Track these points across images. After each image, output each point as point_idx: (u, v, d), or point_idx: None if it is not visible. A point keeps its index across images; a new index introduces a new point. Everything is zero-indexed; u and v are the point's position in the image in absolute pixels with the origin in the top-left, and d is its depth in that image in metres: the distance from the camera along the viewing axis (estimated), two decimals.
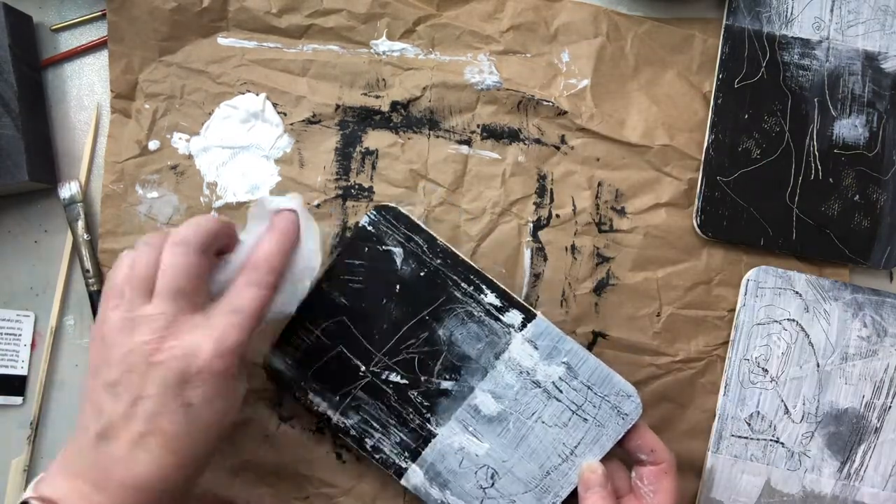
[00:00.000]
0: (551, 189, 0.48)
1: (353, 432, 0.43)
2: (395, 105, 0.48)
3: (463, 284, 0.43)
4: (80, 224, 0.46)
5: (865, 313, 0.44)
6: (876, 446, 0.44)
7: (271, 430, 0.46)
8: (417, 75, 0.48)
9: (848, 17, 0.49)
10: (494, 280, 0.43)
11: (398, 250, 0.43)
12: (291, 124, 0.48)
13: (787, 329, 0.44)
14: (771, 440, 0.44)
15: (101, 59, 0.49)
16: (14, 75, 0.45)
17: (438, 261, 0.43)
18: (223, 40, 0.48)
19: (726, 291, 0.48)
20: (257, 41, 0.48)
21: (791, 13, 0.49)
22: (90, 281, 0.46)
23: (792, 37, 0.48)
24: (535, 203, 0.48)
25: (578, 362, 0.43)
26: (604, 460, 0.43)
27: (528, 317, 0.43)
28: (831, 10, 0.49)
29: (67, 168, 0.48)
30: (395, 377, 0.43)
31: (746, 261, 0.48)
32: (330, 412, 0.43)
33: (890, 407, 0.44)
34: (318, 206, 0.47)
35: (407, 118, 0.48)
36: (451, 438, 0.43)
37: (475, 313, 0.42)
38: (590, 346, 0.47)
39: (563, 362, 0.42)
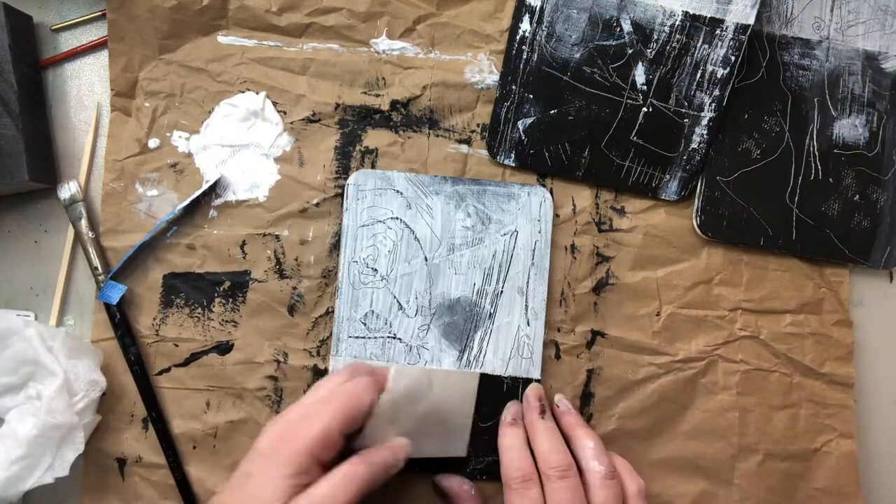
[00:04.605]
0: (551, 188, 0.48)
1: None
2: (394, 104, 0.48)
3: None
4: (84, 223, 0.46)
5: (468, 203, 0.45)
6: (492, 332, 0.45)
7: None
8: (417, 74, 0.48)
9: (848, 17, 0.49)
10: None
11: None
12: (291, 123, 0.48)
13: (392, 227, 0.45)
14: (388, 337, 0.45)
15: (101, 59, 0.49)
16: (14, 75, 0.45)
17: None
18: (223, 38, 0.48)
19: (726, 291, 0.48)
20: (257, 39, 0.48)
21: (791, 13, 0.49)
22: (100, 278, 0.46)
23: (792, 37, 0.48)
24: None
25: None
26: None
27: None
28: (831, 10, 0.49)
29: (67, 168, 0.48)
30: None
31: (746, 260, 0.48)
32: None
33: (501, 292, 0.45)
34: (317, 204, 0.47)
35: (407, 117, 0.48)
36: None
37: None
38: (589, 345, 0.47)
39: None
